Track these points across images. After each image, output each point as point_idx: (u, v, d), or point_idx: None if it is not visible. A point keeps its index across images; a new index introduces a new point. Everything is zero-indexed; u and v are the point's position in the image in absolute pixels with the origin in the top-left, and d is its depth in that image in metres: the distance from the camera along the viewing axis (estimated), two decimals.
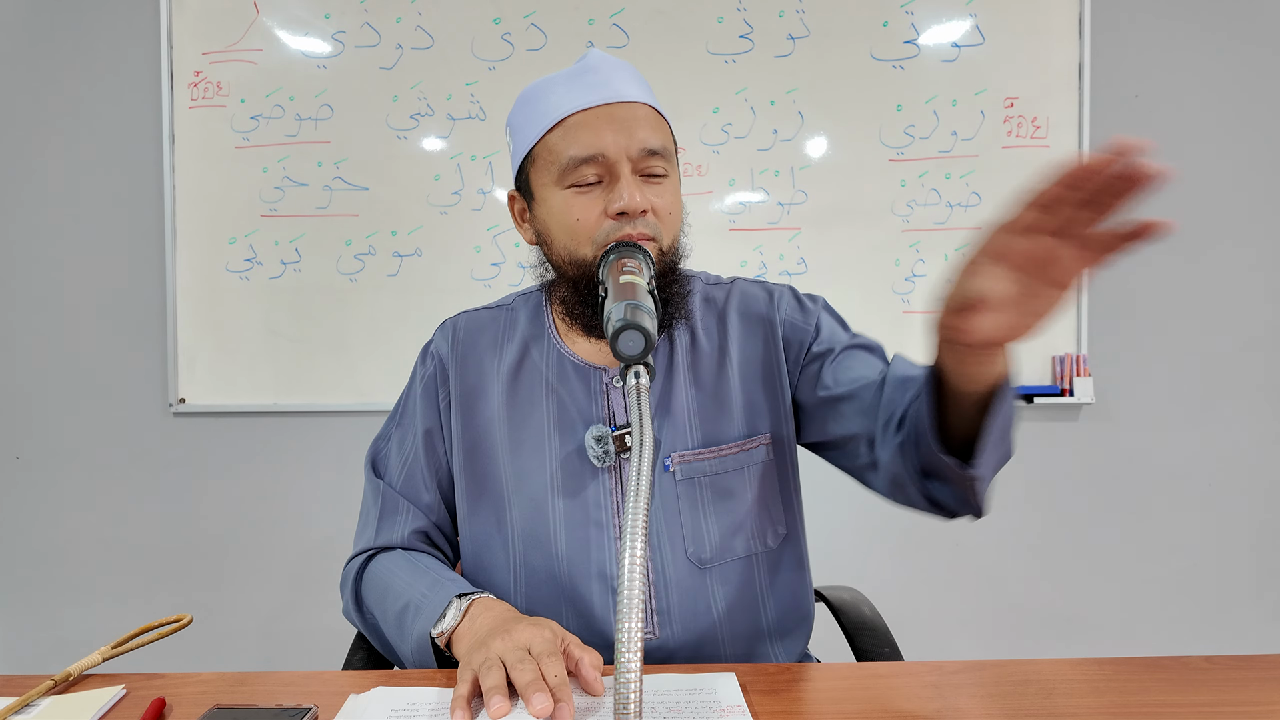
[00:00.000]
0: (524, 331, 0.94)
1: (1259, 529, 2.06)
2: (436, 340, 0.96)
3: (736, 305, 0.94)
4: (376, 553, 0.90)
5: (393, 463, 0.94)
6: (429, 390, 0.94)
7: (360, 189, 2.01)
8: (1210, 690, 0.66)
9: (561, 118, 0.81)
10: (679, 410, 0.88)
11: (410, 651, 0.77)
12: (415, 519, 0.91)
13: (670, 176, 0.85)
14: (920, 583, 2.07)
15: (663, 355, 0.90)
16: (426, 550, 0.91)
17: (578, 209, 0.81)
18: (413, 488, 0.92)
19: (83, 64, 2.03)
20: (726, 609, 0.87)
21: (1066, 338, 2.00)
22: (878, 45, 1.98)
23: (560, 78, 0.84)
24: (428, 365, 0.95)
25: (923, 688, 0.67)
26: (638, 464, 0.55)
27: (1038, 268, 0.56)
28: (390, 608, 0.82)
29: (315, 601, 2.07)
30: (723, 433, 0.88)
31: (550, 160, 0.82)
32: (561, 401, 0.89)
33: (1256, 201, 2.02)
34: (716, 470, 0.87)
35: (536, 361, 0.91)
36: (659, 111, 0.85)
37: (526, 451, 0.88)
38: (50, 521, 2.08)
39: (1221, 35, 2.00)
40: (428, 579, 0.81)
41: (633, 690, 0.47)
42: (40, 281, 2.06)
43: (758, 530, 0.89)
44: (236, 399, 2.03)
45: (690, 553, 0.86)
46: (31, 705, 0.65)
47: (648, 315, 0.65)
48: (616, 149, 0.79)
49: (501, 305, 0.98)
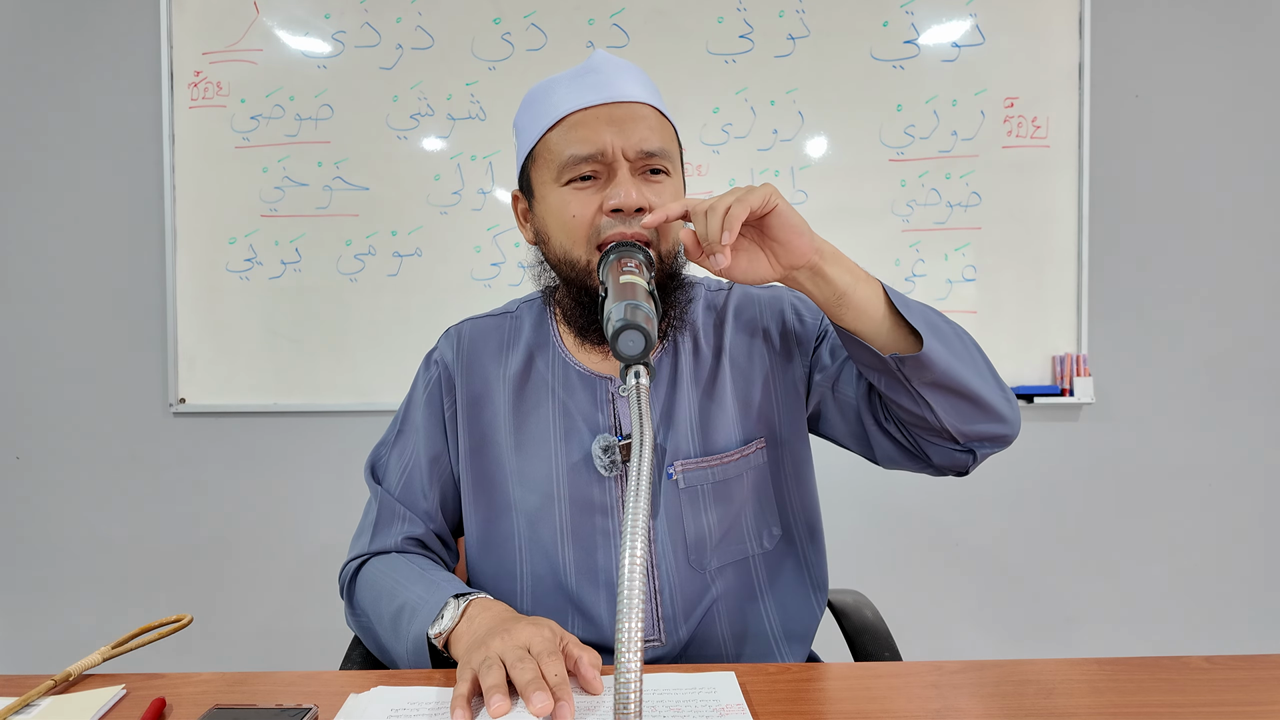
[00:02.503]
0: (529, 339, 0.93)
1: (1259, 529, 2.06)
2: (441, 347, 0.96)
3: (733, 309, 0.94)
4: (370, 557, 0.90)
5: (392, 469, 0.94)
6: (433, 398, 0.93)
7: (360, 189, 2.01)
8: (1210, 690, 0.66)
9: (561, 116, 0.81)
10: (682, 419, 0.88)
11: (406, 653, 0.77)
12: (411, 526, 0.90)
13: (672, 178, 0.84)
14: (920, 582, 2.07)
15: (667, 363, 0.90)
16: (420, 554, 0.90)
17: (574, 205, 0.81)
18: (411, 495, 0.92)
19: (83, 64, 2.03)
20: (728, 612, 0.87)
21: (1066, 338, 2.00)
22: (878, 45, 1.98)
23: (564, 77, 0.84)
24: (431, 372, 0.95)
25: (923, 688, 0.67)
26: (638, 464, 0.54)
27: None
28: (385, 610, 0.81)
29: (315, 601, 2.07)
30: (722, 440, 0.88)
31: (550, 158, 0.82)
32: (567, 410, 0.89)
33: (1256, 201, 2.02)
34: (718, 478, 0.87)
35: (541, 369, 0.91)
36: (664, 114, 0.85)
37: (532, 459, 0.88)
38: (50, 521, 2.08)
39: (1222, 35, 2.00)
40: (423, 581, 0.81)
41: (633, 690, 0.47)
42: (40, 281, 2.06)
43: (754, 533, 0.89)
44: (236, 399, 2.03)
45: (692, 559, 0.86)
46: (31, 705, 0.65)
47: (648, 315, 0.65)
48: (614, 147, 0.79)
49: (506, 312, 0.98)
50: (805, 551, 0.93)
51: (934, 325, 0.78)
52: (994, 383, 0.81)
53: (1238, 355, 2.04)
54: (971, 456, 0.83)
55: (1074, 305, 2.00)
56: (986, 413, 0.80)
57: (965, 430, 0.80)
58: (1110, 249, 2.02)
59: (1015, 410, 0.83)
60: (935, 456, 0.84)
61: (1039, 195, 1.99)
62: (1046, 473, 2.05)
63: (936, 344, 0.75)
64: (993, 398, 0.79)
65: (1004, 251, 2.00)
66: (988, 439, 0.82)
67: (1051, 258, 2.00)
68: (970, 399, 0.78)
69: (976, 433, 0.81)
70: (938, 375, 0.76)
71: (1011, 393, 0.83)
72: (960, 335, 0.81)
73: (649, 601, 0.84)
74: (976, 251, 2.00)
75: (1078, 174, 1.98)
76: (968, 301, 2.00)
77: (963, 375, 0.77)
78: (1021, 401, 1.98)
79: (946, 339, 0.78)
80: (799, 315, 0.94)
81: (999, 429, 0.81)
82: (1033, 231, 2.00)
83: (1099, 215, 2.01)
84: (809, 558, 0.93)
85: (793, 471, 0.92)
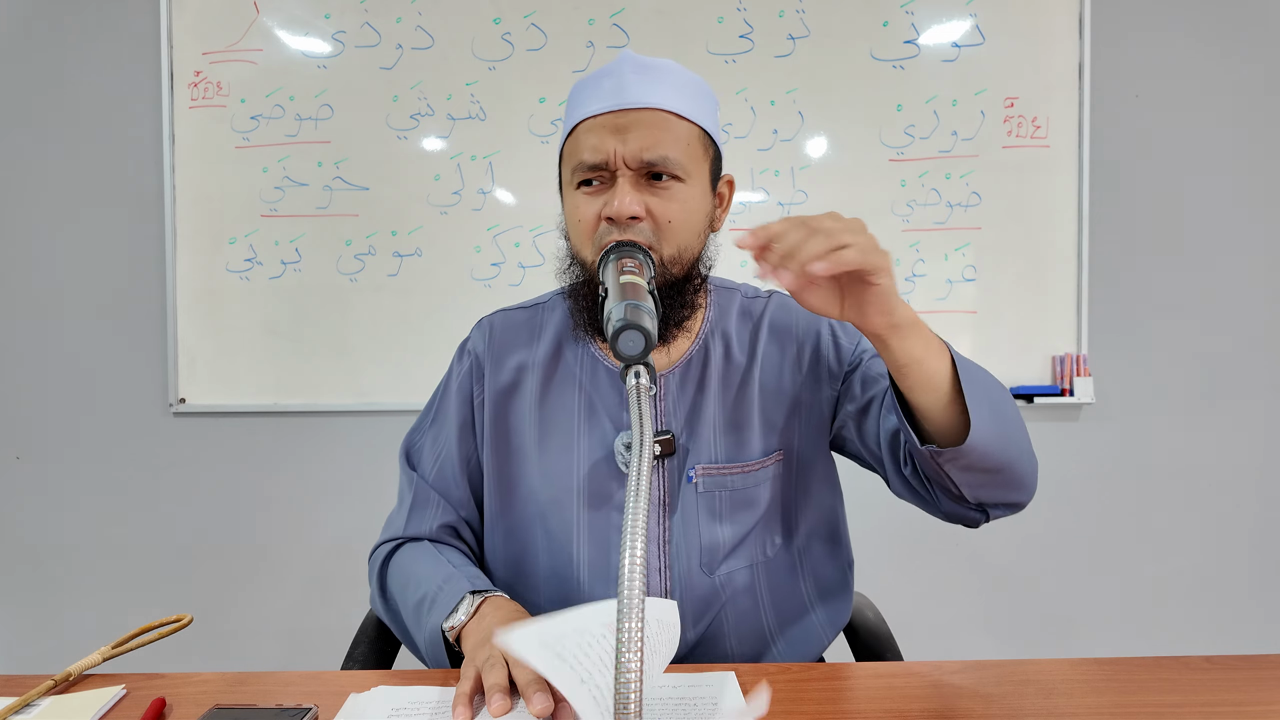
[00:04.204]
0: (558, 331, 0.94)
1: (1258, 529, 2.06)
2: (474, 338, 0.97)
3: (769, 320, 0.94)
4: (404, 542, 0.91)
5: (426, 455, 0.96)
6: (464, 387, 0.95)
7: (360, 189, 2.01)
8: (1210, 690, 0.66)
9: (577, 122, 0.84)
10: (706, 423, 0.88)
11: (424, 644, 0.79)
12: (445, 513, 0.92)
13: (684, 184, 0.82)
14: (921, 582, 2.07)
15: (696, 366, 0.90)
16: (453, 545, 0.92)
17: (582, 209, 0.83)
18: (444, 482, 0.93)
19: (83, 64, 2.02)
20: (734, 616, 0.88)
21: (1066, 338, 2.00)
22: (878, 45, 1.98)
23: (589, 80, 0.86)
24: (464, 362, 0.96)
25: (923, 688, 0.67)
26: (637, 464, 0.55)
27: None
28: (410, 598, 0.83)
29: (316, 601, 2.07)
30: (745, 450, 0.89)
31: (568, 162, 0.85)
32: (592, 403, 0.90)
33: (1256, 201, 2.02)
34: (737, 485, 0.88)
35: (570, 361, 0.92)
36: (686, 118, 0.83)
37: (555, 451, 0.89)
38: (50, 521, 2.08)
39: (1222, 35, 2.00)
40: (444, 572, 0.83)
41: (633, 690, 0.47)
42: (40, 281, 2.05)
43: (758, 541, 0.90)
44: (236, 399, 2.03)
45: (703, 562, 0.87)
46: (31, 705, 0.65)
47: (648, 315, 0.66)
48: (615, 156, 0.80)
49: (538, 304, 0.99)
50: (803, 554, 0.93)
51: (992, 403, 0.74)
52: (1026, 456, 0.79)
53: (1237, 355, 2.04)
54: (984, 517, 0.83)
55: (1074, 305, 2.00)
56: (1009, 487, 0.80)
57: (984, 499, 0.81)
58: (1110, 249, 2.02)
59: (1036, 475, 0.82)
60: (947, 509, 0.84)
61: (1039, 195, 1.99)
62: (1046, 473, 2.02)
63: (984, 430, 0.72)
64: (1021, 471, 0.79)
65: (1004, 251, 2.00)
66: (1004, 505, 0.82)
67: (1051, 258, 2.00)
68: (998, 476, 0.78)
69: (994, 500, 0.81)
70: (973, 461, 0.75)
71: (1034, 457, 0.82)
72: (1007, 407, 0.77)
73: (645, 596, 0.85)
74: (976, 251, 2.00)
75: (1078, 174, 1.98)
76: (968, 301, 2.00)
77: (998, 458, 0.75)
78: (1021, 401, 1.98)
79: (999, 415, 0.75)
80: (835, 341, 0.93)
81: (1017, 498, 0.82)
82: (1033, 231, 2.00)
83: (1099, 215, 2.01)
84: (808, 560, 0.93)
85: (804, 486, 0.93)
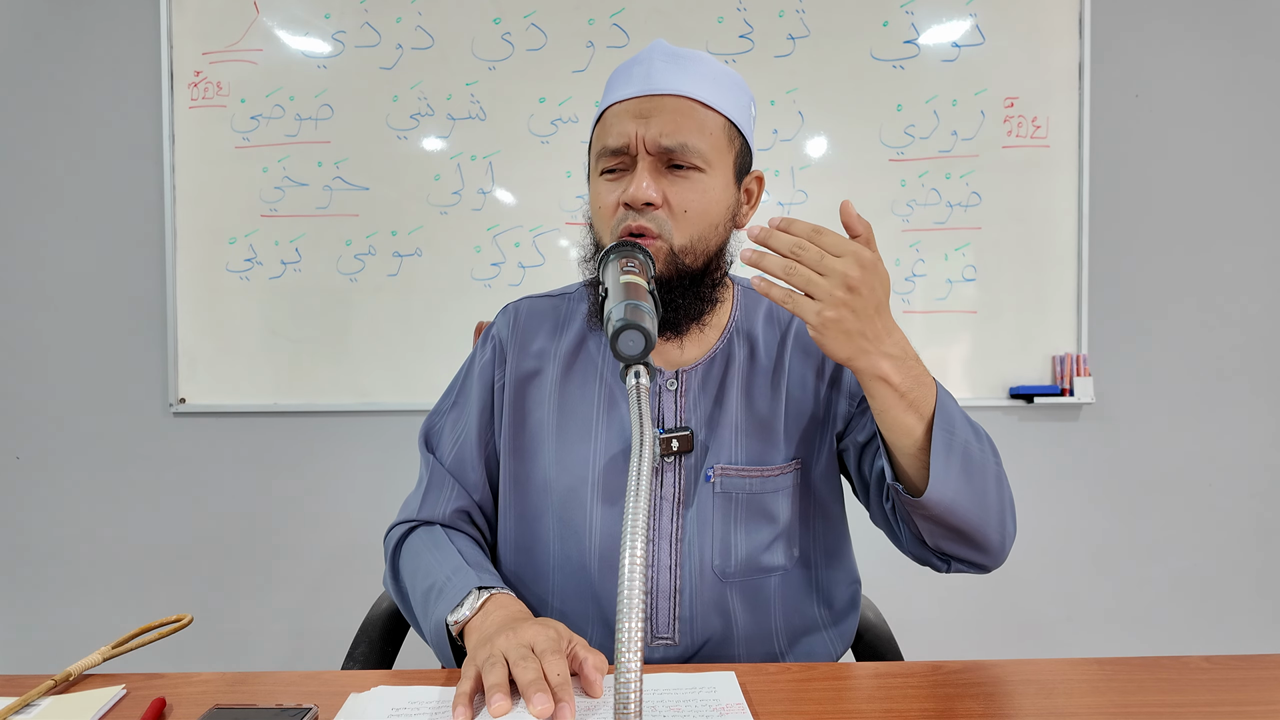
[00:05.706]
0: (583, 322, 0.94)
1: (1258, 529, 2.06)
2: (498, 323, 0.97)
3: (797, 327, 0.93)
4: (417, 525, 0.91)
5: (445, 439, 0.95)
6: (485, 372, 0.94)
7: (360, 189, 2.01)
8: (1210, 690, 0.66)
9: (605, 108, 0.85)
10: (727, 423, 0.88)
11: (429, 634, 0.79)
12: (460, 497, 0.92)
13: (705, 173, 0.82)
14: (920, 582, 2.06)
15: (719, 364, 0.90)
16: (467, 530, 0.92)
17: (603, 195, 0.84)
18: (461, 466, 0.93)
19: (83, 64, 2.02)
20: (743, 623, 0.87)
21: (1066, 338, 2.00)
22: (878, 45, 1.98)
23: (622, 67, 0.87)
24: (487, 347, 0.96)
25: (923, 688, 0.67)
26: (637, 464, 0.54)
27: None
28: (420, 584, 0.83)
29: (316, 601, 2.07)
30: (767, 454, 0.88)
31: (594, 148, 0.87)
32: (613, 395, 0.89)
33: (1256, 201, 2.02)
34: (755, 490, 0.87)
35: (593, 351, 0.92)
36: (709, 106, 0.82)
37: (573, 440, 0.89)
38: (50, 521, 2.08)
39: (1222, 35, 2.00)
40: (454, 562, 0.82)
41: (633, 690, 0.47)
42: (40, 281, 2.05)
43: (774, 554, 0.89)
44: (237, 399, 2.03)
45: (716, 565, 0.86)
46: (31, 705, 0.65)
47: (648, 315, 0.66)
48: (635, 141, 0.81)
49: (564, 294, 0.99)
50: (820, 576, 0.93)
51: (966, 467, 0.75)
52: (993, 524, 0.78)
53: (1238, 355, 2.04)
54: (947, 567, 0.84)
55: (1074, 305, 2.00)
56: (971, 548, 0.80)
57: (945, 550, 0.82)
58: (1110, 249, 2.02)
59: (1007, 543, 0.81)
60: (909, 549, 0.86)
61: (1039, 195, 1.99)
62: (1046, 473, 2.05)
63: (945, 490, 0.74)
64: (985, 536, 0.78)
65: (1004, 251, 2.00)
66: (964, 562, 0.82)
67: (1051, 258, 2.00)
68: (958, 535, 0.78)
69: (954, 555, 0.82)
70: (930, 514, 0.76)
71: (1012, 524, 0.81)
72: (983, 474, 0.77)
73: (668, 600, 0.85)
74: (976, 251, 2.00)
75: (1078, 174, 1.98)
76: (968, 301, 2.00)
77: (959, 520, 0.76)
78: (1021, 401, 1.98)
79: (969, 479, 0.75)
80: None
81: (980, 559, 0.81)
82: (1033, 231, 2.00)
83: (1099, 215, 2.01)
84: (822, 582, 0.93)
85: (820, 500, 0.92)
